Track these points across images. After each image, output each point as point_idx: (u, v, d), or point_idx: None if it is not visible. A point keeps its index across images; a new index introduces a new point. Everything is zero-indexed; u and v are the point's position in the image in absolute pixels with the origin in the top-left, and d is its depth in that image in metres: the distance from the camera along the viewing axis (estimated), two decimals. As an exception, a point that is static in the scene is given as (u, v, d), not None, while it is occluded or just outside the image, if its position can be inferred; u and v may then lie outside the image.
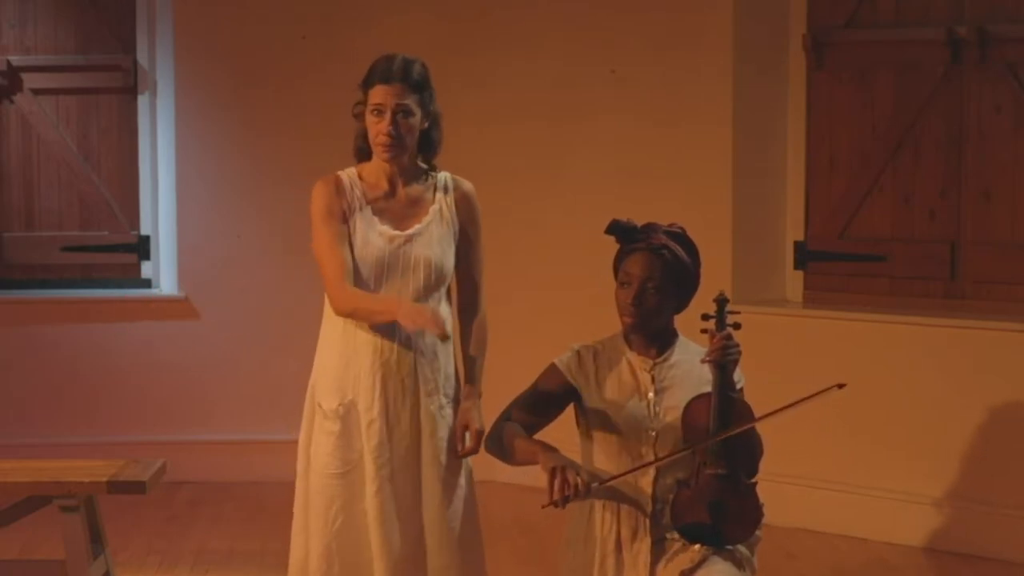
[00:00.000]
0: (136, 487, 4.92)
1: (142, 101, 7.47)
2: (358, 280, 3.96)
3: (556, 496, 3.69)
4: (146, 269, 7.53)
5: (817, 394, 3.79)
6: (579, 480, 3.68)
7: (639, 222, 4.00)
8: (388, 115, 3.92)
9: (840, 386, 3.78)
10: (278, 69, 7.31)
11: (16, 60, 7.39)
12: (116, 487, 4.89)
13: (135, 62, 7.44)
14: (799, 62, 6.83)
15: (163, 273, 7.50)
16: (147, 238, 7.50)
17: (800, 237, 6.89)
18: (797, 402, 3.81)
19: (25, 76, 7.40)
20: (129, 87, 7.44)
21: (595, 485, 3.77)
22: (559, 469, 3.70)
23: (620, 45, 6.97)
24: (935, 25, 6.47)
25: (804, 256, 6.89)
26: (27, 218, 7.48)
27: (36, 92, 7.42)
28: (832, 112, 6.79)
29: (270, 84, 7.32)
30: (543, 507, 3.74)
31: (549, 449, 3.82)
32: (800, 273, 6.90)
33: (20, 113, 7.43)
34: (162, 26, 7.39)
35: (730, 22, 6.72)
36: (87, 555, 4.92)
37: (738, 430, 3.78)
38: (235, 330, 7.36)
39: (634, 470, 3.84)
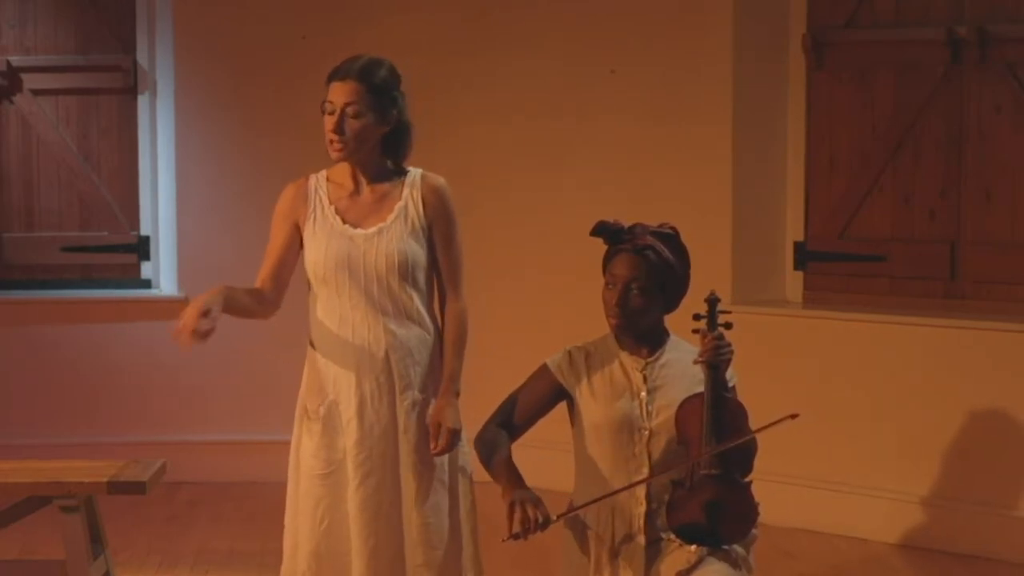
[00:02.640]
0: (136, 487, 4.92)
1: (142, 101, 7.47)
2: (320, 279, 3.99)
3: (516, 529, 3.74)
4: (146, 269, 7.53)
5: (770, 425, 3.80)
6: (538, 514, 3.73)
7: (627, 223, 4.00)
8: (337, 113, 3.91)
9: (793, 416, 3.78)
10: (278, 69, 7.31)
11: (16, 60, 7.39)
12: (116, 487, 4.89)
13: (135, 62, 7.44)
14: (799, 62, 6.83)
15: (163, 273, 7.50)
16: (147, 238, 7.50)
17: (800, 237, 6.89)
18: (751, 435, 3.82)
19: (25, 76, 7.40)
20: (129, 87, 7.44)
21: (555, 518, 3.79)
22: (518, 504, 3.75)
23: (620, 45, 6.97)
24: (935, 25, 6.47)
25: (804, 256, 6.88)
26: (27, 218, 7.48)
27: (36, 92, 7.42)
28: (832, 112, 6.79)
29: (270, 84, 7.32)
30: (503, 540, 3.79)
31: (514, 479, 3.85)
32: (800, 273, 6.90)
33: (20, 113, 7.43)
34: (162, 26, 7.39)
35: (730, 22, 6.72)
36: (87, 555, 4.92)
37: (726, 446, 3.78)
38: (235, 330, 7.32)
39: (608, 496, 3.86)
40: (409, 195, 4.02)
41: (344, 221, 3.99)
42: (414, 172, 4.06)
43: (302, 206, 4.03)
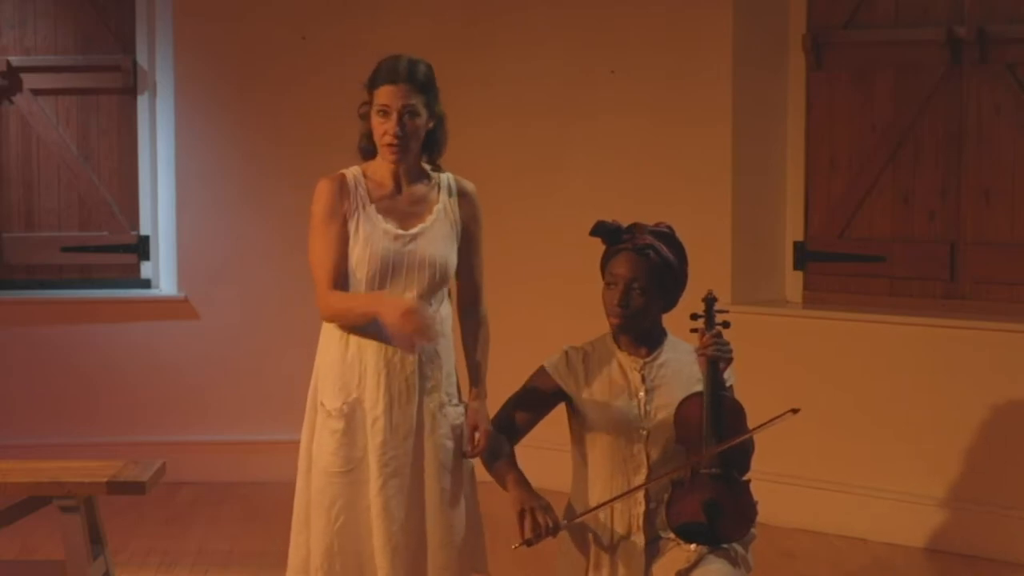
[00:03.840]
0: (135, 488, 4.92)
1: (142, 101, 7.47)
2: (363, 278, 3.97)
3: (528, 536, 3.77)
4: (146, 269, 7.53)
5: (772, 420, 3.80)
6: (548, 520, 3.76)
7: (625, 222, 4.00)
8: (395, 116, 3.93)
9: (794, 411, 3.79)
10: (278, 69, 7.31)
11: (16, 60, 7.39)
12: (116, 488, 4.89)
13: (135, 62, 7.44)
14: (799, 62, 6.83)
15: (163, 273, 7.50)
16: (147, 238, 7.50)
17: (800, 237, 6.89)
18: (754, 430, 3.82)
19: (25, 76, 7.40)
20: (129, 87, 7.44)
21: (565, 523, 3.82)
22: (528, 511, 3.78)
23: (620, 45, 6.97)
24: (935, 25, 6.47)
25: (804, 256, 6.88)
26: (27, 218, 7.48)
27: (36, 92, 7.42)
28: (832, 112, 6.79)
29: (270, 84, 7.32)
30: (514, 548, 3.81)
31: (523, 485, 3.86)
32: (800, 273, 6.90)
33: (20, 113, 7.43)
34: (162, 26, 7.39)
35: (730, 22, 6.72)
36: (87, 555, 4.92)
37: (728, 445, 3.78)
38: (235, 330, 7.36)
39: (613, 500, 3.86)
40: (446, 199, 4.05)
41: (386, 220, 3.99)
42: (446, 175, 4.09)
43: (346, 200, 4.00)
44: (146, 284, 7.54)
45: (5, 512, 5.08)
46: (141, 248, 7.50)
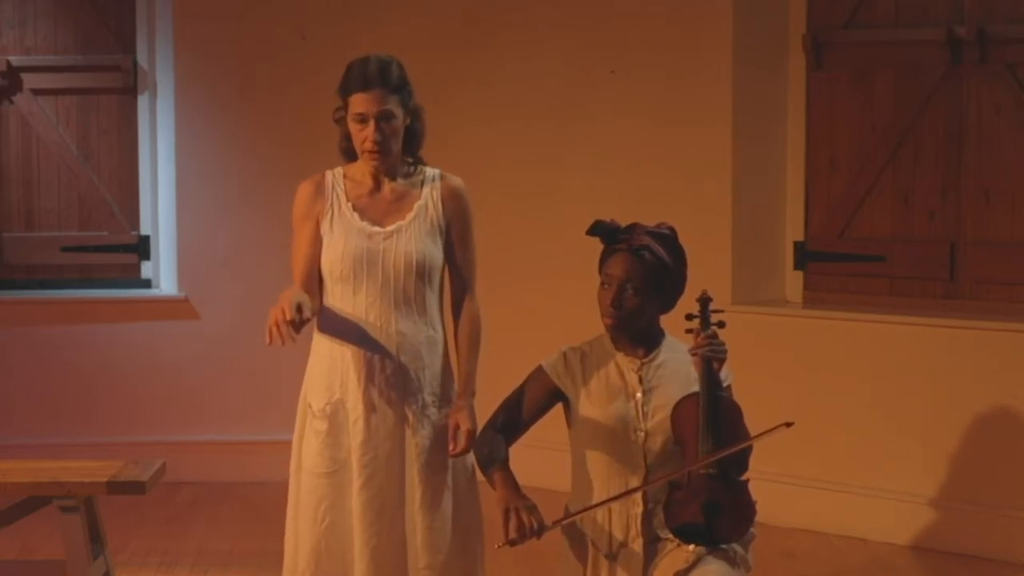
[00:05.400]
0: (136, 487, 4.92)
1: (142, 101, 7.47)
2: (338, 277, 3.98)
3: (512, 536, 3.74)
4: (146, 269, 7.53)
5: (766, 433, 3.79)
6: (533, 521, 3.74)
7: (623, 222, 4.00)
8: (372, 123, 3.92)
9: (788, 424, 3.77)
10: (278, 69, 7.31)
11: (16, 60, 7.39)
12: (115, 488, 4.90)
13: (135, 62, 7.44)
14: (799, 62, 6.83)
15: (163, 273, 7.51)
16: (147, 238, 7.50)
17: (800, 237, 6.89)
18: (746, 443, 3.81)
19: (25, 76, 7.41)
20: (129, 87, 7.45)
21: (550, 524, 3.80)
22: (513, 511, 3.76)
23: (620, 45, 6.97)
24: (935, 25, 6.48)
25: (804, 256, 6.89)
26: (27, 218, 7.48)
27: (36, 92, 7.43)
28: (832, 112, 6.79)
29: (270, 84, 7.32)
30: (498, 547, 3.80)
31: (510, 486, 3.84)
32: (800, 273, 6.90)
33: (20, 113, 7.44)
34: (162, 26, 7.39)
35: (730, 22, 6.72)
36: (87, 555, 4.92)
37: (724, 454, 3.78)
38: (235, 330, 7.36)
39: (607, 502, 3.85)
40: (429, 195, 4.03)
41: (362, 218, 4.00)
42: (432, 171, 4.08)
43: (320, 202, 4.03)
44: (146, 284, 7.54)
45: (5, 512, 5.09)
46: (141, 248, 7.50)
